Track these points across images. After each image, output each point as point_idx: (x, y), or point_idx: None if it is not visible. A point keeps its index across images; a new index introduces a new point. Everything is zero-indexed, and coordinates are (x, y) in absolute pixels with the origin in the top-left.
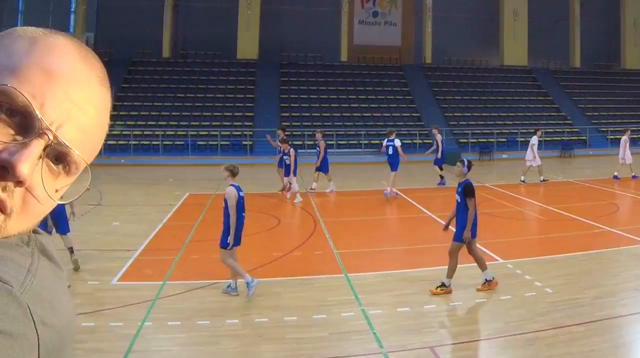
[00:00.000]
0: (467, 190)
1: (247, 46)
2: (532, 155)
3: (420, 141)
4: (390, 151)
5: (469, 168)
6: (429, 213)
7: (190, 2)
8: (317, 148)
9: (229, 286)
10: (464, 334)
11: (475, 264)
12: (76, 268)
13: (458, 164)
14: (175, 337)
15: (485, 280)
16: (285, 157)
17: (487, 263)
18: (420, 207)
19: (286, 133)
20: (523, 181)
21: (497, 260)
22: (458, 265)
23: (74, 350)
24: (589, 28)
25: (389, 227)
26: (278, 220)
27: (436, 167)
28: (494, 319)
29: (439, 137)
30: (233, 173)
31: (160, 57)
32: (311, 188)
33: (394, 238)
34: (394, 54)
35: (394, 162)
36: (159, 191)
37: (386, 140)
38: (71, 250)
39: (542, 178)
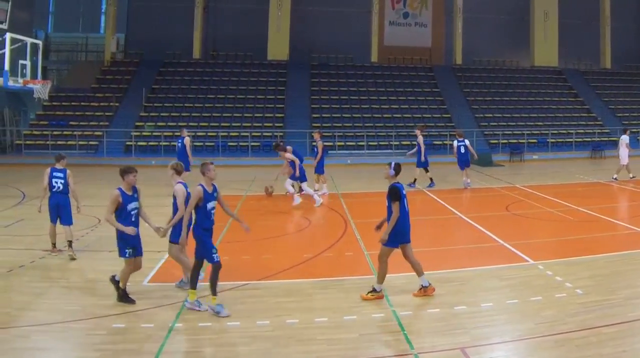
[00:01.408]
0: (390, 193)
1: (278, 47)
2: (625, 153)
3: (451, 142)
4: (463, 150)
5: (395, 170)
6: (459, 214)
7: (220, 3)
8: (315, 149)
9: (181, 281)
10: (495, 335)
11: (505, 265)
12: (73, 259)
13: (386, 166)
14: (206, 338)
15: (422, 286)
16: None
17: (516, 264)
18: (451, 208)
19: (281, 141)
20: (615, 179)
21: (528, 261)
22: (489, 267)
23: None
24: (620, 29)
25: (419, 228)
26: (309, 221)
27: (421, 170)
28: (524, 320)
29: (420, 139)
30: (177, 171)
31: (191, 58)
32: (322, 193)
33: (424, 239)
34: (424, 54)
35: (466, 159)
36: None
37: (456, 141)
38: (70, 243)
39: (630, 175)
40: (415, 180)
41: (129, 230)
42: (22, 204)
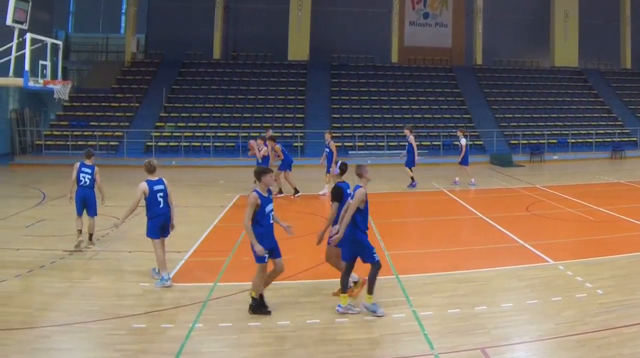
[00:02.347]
0: (332, 193)
1: (298, 47)
2: None
3: (471, 142)
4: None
5: (340, 170)
6: (480, 215)
7: (241, 3)
8: (327, 149)
9: (153, 270)
10: (515, 335)
11: (525, 266)
12: (77, 246)
13: (333, 166)
14: (227, 339)
15: (352, 281)
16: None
17: (537, 264)
18: (471, 208)
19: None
20: None
21: (548, 262)
22: (509, 267)
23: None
24: None
25: (440, 228)
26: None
27: (408, 169)
28: (544, 320)
29: (411, 138)
30: (148, 169)
31: (211, 58)
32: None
33: (445, 239)
34: (445, 55)
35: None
36: (210, 192)
37: (464, 139)
38: (91, 236)
39: None
40: (412, 178)
41: (259, 249)
42: (43, 205)
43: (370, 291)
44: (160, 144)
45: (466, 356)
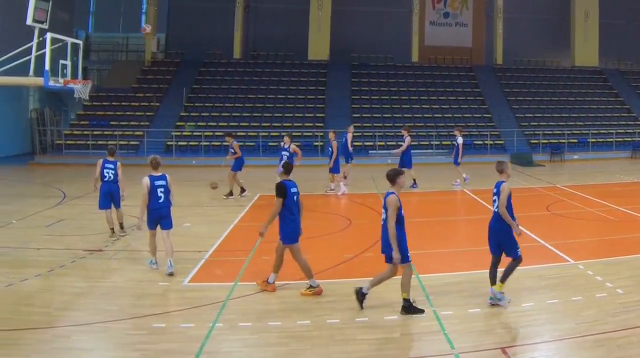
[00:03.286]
0: (276, 189)
1: (318, 47)
2: None
3: (492, 142)
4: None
5: (283, 168)
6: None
7: (261, 3)
8: (330, 148)
9: (151, 261)
10: (535, 335)
11: (545, 265)
12: (111, 235)
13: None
14: (247, 338)
15: (310, 285)
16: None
17: (557, 264)
18: (491, 208)
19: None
20: None
21: (569, 261)
22: (529, 267)
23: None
24: None
25: (460, 227)
26: (349, 221)
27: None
28: (564, 320)
29: (408, 139)
30: (152, 165)
31: (231, 58)
32: (331, 189)
33: (465, 239)
34: (465, 54)
35: None
36: None
37: (461, 138)
38: (121, 225)
39: None
40: (414, 180)
41: (403, 252)
42: (63, 204)
43: (503, 280)
44: (180, 143)
45: (486, 356)
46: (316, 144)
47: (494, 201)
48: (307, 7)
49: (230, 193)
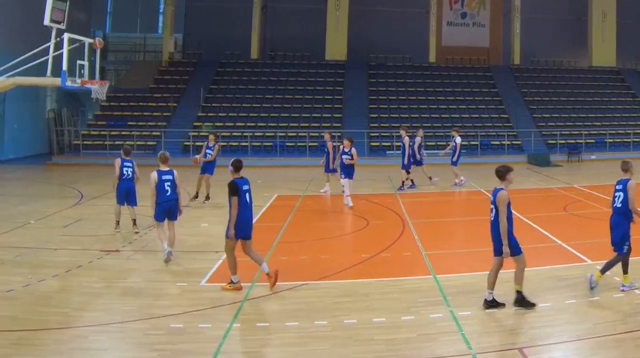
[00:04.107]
0: (229, 188)
1: (336, 47)
2: None
3: (509, 142)
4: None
5: (233, 166)
6: (518, 214)
7: (278, 3)
8: (326, 149)
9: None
10: (553, 335)
11: (563, 265)
12: (137, 232)
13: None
14: (264, 338)
15: (231, 281)
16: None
17: (575, 264)
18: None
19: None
20: None
21: (586, 261)
22: (547, 267)
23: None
24: None
25: (477, 228)
26: (367, 221)
27: (403, 172)
28: (582, 320)
29: (406, 140)
30: (161, 159)
31: (249, 58)
32: (324, 191)
33: (482, 239)
34: (482, 55)
35: None
36: None
37: (459, 138)
38: (134, 221)
39: None
40: (412, 181)
41: (507, 252)
42: (80, 204)
43: (625, 271)
44: (197, 143)
45: (504, 356)
46: (334, 144)
47: (617, 197)
48: (324, 7)
49: (196, 196)
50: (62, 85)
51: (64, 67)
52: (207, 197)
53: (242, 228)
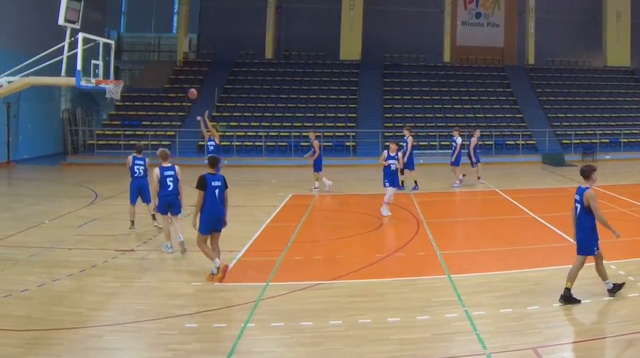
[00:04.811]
0: (197, 181)
1: (350, 47)
2: None
3: (523, 142)
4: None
5: (208, 161)
6: (532, 214)
7: (292, 3)
8: (312, 148)
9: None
10: (567, 335)
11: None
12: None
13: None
14: (278, 338)
15: (212, 272)
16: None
17: (589, 264)
18: (524, 208)
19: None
20: None
21: None
22: (562, 266)
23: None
24: None
25: (492, 227)
26: (380, 221)
27: (413, 173)
28: (597, 320)
29: (410, 139)
30: (162, 156)
31: (263, 58)
32: (315, 188)
33: (497, 239)
34: (497, 54)
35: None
36: (262, 192)
37: (460, 138)
38: (153, 216)
39: None
40: (415, 182)
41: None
42: (95, 204)
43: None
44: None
45: (518, 356)
46: (348, 144)
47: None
48: (338, 7)
49: None
50: (77, 85)
51: (79, 66)
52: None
53: (212, 221)
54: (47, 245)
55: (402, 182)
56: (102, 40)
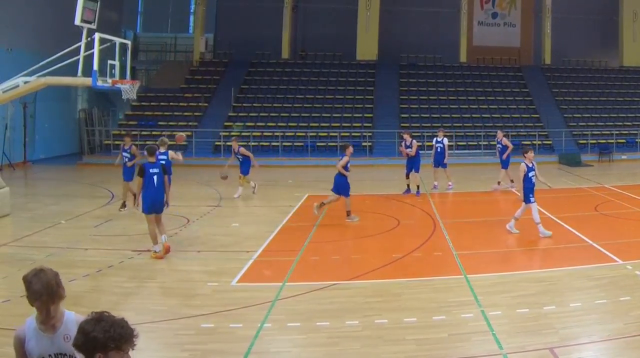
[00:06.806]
0: (138, 169)
1: (367, 47)
2: None
3: (540, 142)
4: (439, 150)
5: (147, 151)
6: (548, 214)
7: (309, 3)
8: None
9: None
10: (583, 335)
11: (594, 265)
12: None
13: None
14: (295, 338)
15: (154, 250)
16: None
17: (605, 264)
18: (539, 208)
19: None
20: None
21: (617, 261)
22: (578, 267)
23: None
24: None
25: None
26: (397, 221)
27: (417, 175)
28: (613, 320)
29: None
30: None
31: (280, 58)
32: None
33: (513, 239)
34: (513, 55)
35: (437, 160)
36: (279, 192)
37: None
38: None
39: None
40: (418, 186)
41: None
42: (111, 204)
43: None
44: (228, 143)
45: (534, 356)
46: (364, 144)
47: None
48: (355, 7)
49: (124, 205)
50: (93, 85)
51: (95, 66)
52: (124, 205)
53: (151, 204)
54: (63, 245)
55: (418, 187)
56: (118, 40)
